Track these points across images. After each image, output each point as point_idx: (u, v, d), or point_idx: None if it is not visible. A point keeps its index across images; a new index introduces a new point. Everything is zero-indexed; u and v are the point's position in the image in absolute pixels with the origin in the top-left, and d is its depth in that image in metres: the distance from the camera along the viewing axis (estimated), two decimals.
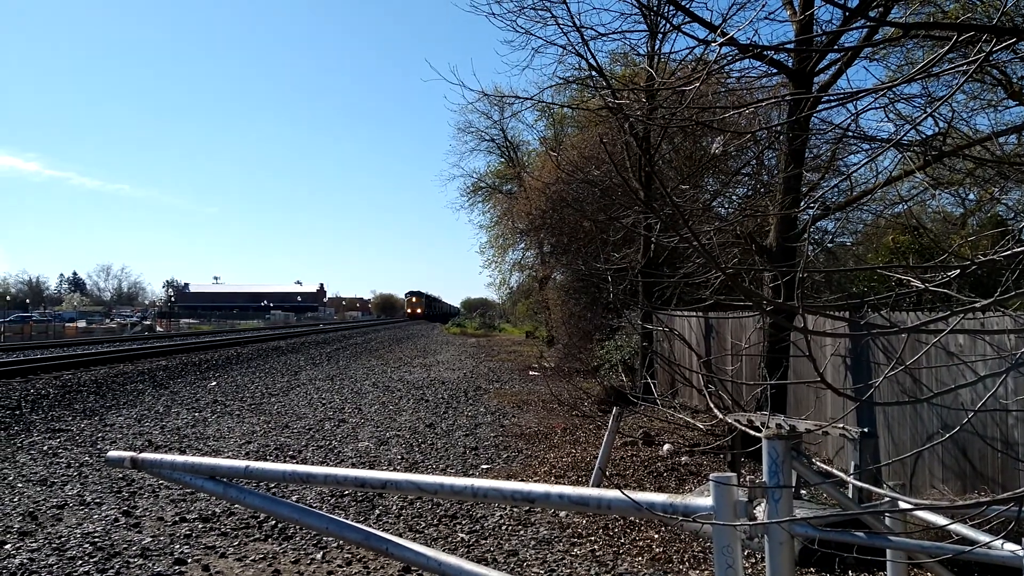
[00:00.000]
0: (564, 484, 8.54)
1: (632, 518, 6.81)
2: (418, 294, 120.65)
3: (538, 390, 18.00)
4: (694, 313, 14.23)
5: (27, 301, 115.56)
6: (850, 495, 4.88)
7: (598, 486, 7.62)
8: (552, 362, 25.98)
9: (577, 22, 10.78)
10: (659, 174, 15.20)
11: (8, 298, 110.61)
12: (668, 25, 11.21)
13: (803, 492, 6.77)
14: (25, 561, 5.90)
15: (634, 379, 16.34)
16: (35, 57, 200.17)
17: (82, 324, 70.06)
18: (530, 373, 23.45)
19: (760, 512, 2.73)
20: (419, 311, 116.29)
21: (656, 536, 6.58)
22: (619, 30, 12.49)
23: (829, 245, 17.46)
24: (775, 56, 7.72)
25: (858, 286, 13.22)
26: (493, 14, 10.41)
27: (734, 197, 16.76)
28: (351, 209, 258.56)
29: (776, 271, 6.45)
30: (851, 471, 5.76)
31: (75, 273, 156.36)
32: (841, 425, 5.84)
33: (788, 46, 7.60)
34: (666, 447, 10.24)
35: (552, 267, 32.12)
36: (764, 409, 8.08)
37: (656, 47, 13.17)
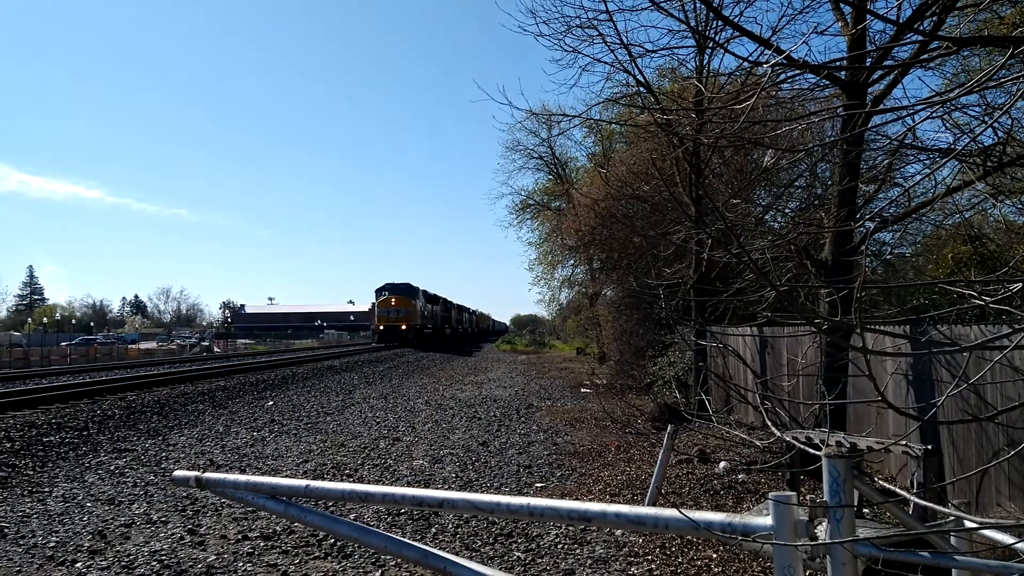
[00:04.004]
0: (619, 502, 8.51)
1: (690, 537, 6.75)
2: (405, 291, 60.42)
3: (590, 407, 17.92)
4: (748, 329, 14.07)
5: (91, 324, 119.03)
6: (913, 514, 4.77)
7: (654, 505, 7.57)
8: (604, 379, 25.84)
9: (625, 39, 10.79)
10: (709, 188, 15.11)
11: (74, 321, 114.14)
12: (716, 39, 11.18)
13: (865, 511, 6.63)
14: None
15: (688, 396, 16.19)
16: (95, 90, 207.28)
17: (148, 345, 72.43)
18: (582, 390, 23.37)
19: (821, 532, 2.70)
20: (403, 325, 58.42)
21: (715, 555, 6.51)
22: (667, 46, 12.46)
23: (888, 257, 17.12)
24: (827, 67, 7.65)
25: (919, 299, 12.93)
26: (541, 34, 10.52)
27: (787, 210, 16.56)
28: (401, 229, 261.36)
29: (832, 287, 6.37)
30: (914, 489, 5.63)
31: (136, 296, 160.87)
32: (904, 442, 5.72)
33: (839, 62, 7.54)
34: (722, 465, 10.12)
35: (602, 283, 32.04)
36: (823, 426, 7.95)
37: (705, 62, 13.14)
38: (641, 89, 13.67)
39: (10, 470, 10.53)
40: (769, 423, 3.93)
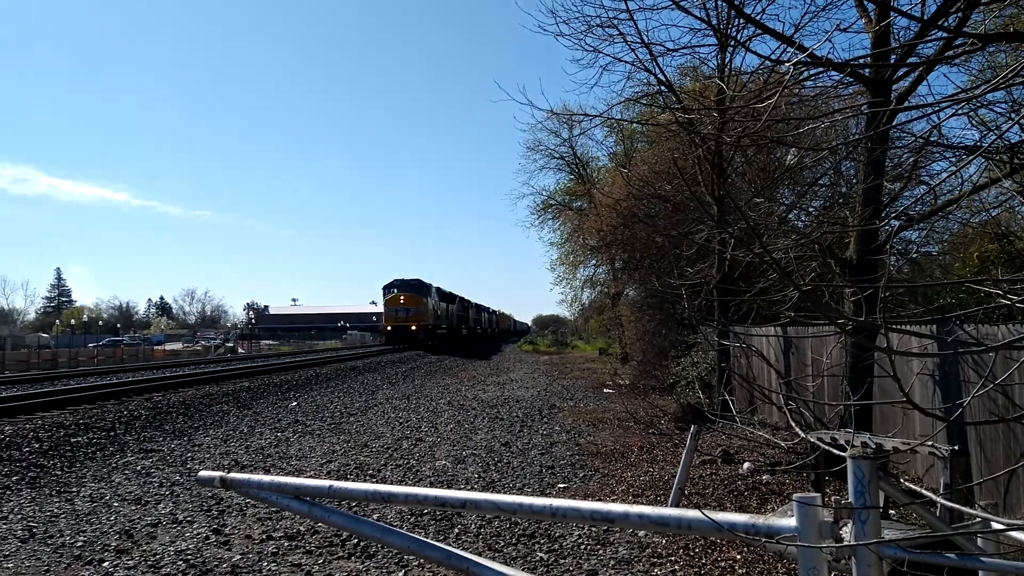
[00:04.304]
0: (642, 503, 8.48)
1: (713, 538, 6.73)
2: (415, 287, 55.53)
3: (613, 408, 17.88)
4: (772, 329, 13.97)
5: (118, 326, 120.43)
6: (940, 515, 4.72)
7: (677, 505, 7.54)
8: (627, 379, 25.78)
9: (645, 39, 10.78)
10: (732, 187, 15.02)
11: (101, 323, 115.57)
12: (738, 38, 11.13)
13: (891, 512, 6.57)
14: None
15: (711, 396, 16.10)
16: (120, 94, 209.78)
17: (173, 346, 73.43)
18: (605, 391, 23.32)
19: (847, 533, 2.69)
20: (413, 325, 53.47)
21: (739, 557, 6.47)
22: (688, 45, 12.42)
23: (915, 256, 16.94)
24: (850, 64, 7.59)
25: (945, 298, 12.78)
26: (561, 34, 10.52)
27: (811, 209, 16.43)
28: (423, 230, 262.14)
29: (856, 286, 6.31)
30: (941, 490, 5.57)
31: (162, 298, 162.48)
32: (930, 443, 5.65)
33: (863, 60, 7.47)
34: (746, 465, 10.06)
35: (624, 283, 31.95)
36: (848, 426, 7.88)
37: (727, 60, 13.07)
38: (662, 88, 13.65)
39: (39, 470, 10.69)
40: (792, 423, 3.91)
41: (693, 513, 2.98)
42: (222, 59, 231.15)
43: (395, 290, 55.88)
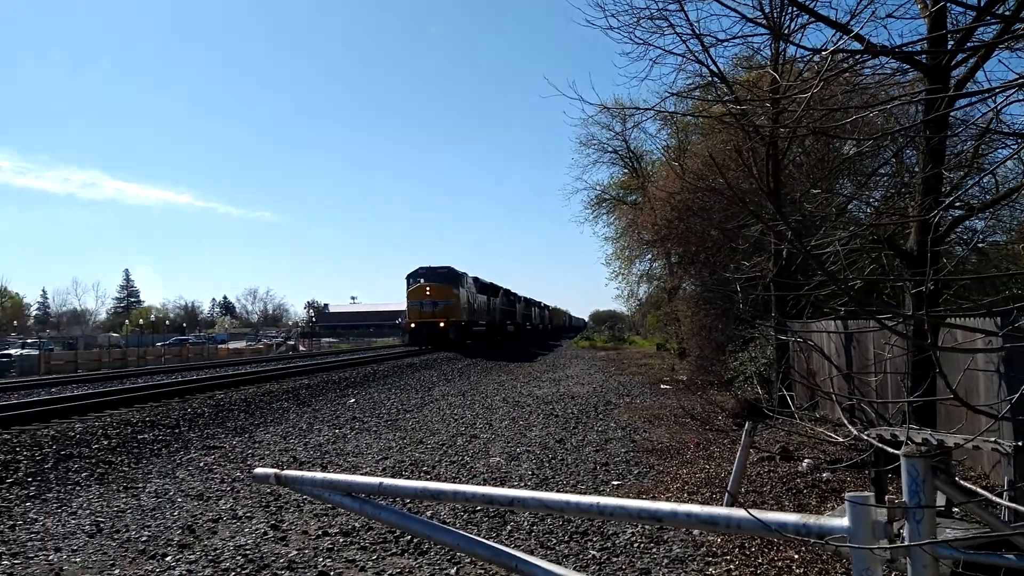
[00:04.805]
0: (697, 500, 8.40)
1: (770, 537, 6.61)
2: (444, 276, 47.08)
3: (670, 404, 17.71)
4: (832, 322, 13.67)
5: (184, 325, 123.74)
6: (1003, 514, 4.57)
7: (732, 504, 7.44)
8: (684, 375, 25.52)
9: (696, 30, 10.67)
10: (789, 178, 14.73)
11: (168, 322, 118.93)
12: (791, 27, 10.92)
13: (955, 510, 6.38)
14: (184, 573, 6.36)
15: (770, 391, 15.84)
16: (181, 99, 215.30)
17: (236, 345, 75.49)
18: (661, 387, 23.12)
19: (904, 533, 2.63)
20: (442, 321, 45.28)
21: (796, 556, 6.35)
22: (740, 35, 12.21)
23: (981, 246, 16.39)
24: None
25: (1013, 288, 12.34)
26: (611, 27, 10.44)
27: (872, 200, 16.02)
28: (479, 226, 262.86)
29: (912, 279, 6.13)
30: (1005, 488, 5.38)
31: (225, 297, 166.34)
32: (993, 439, 5.47)
33: (918, 45, 7.25)
34: (805, 463, 9.88)
35: (680, 277, 31.62)
36: (912, 422, 7.67)
37: (780, 49, 12.82)
38: (714, 79, 13.46)
39: (107, 466, 11.07)
40: (845, 422, 3.83)
41: (742, 512, 2.95)
42: (276, 61, 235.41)
43: (420, 279, 46.41)
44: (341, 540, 7.19)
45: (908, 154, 14.22)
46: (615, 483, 9.73)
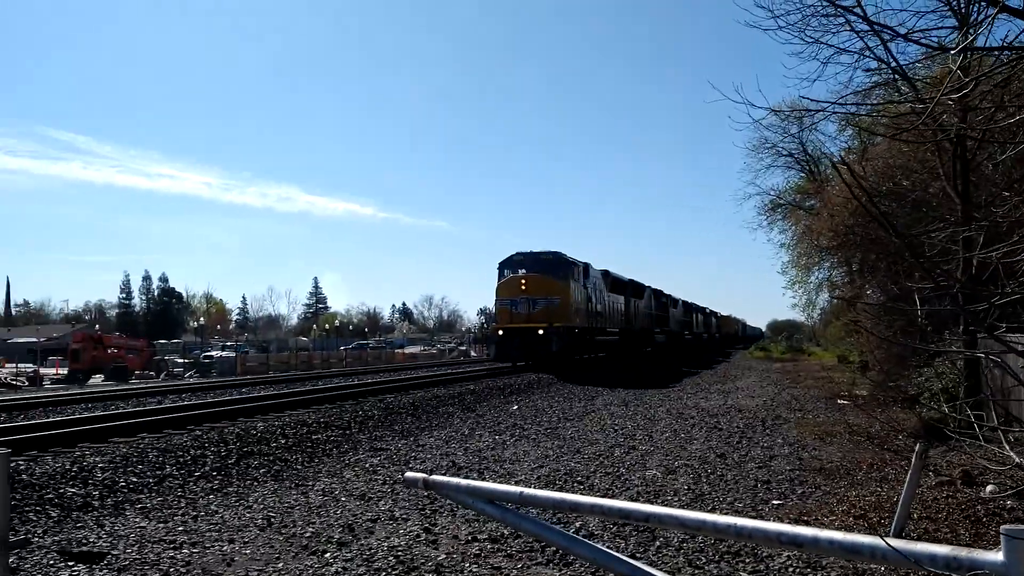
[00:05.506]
0: (863, 525, 7.88)
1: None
2: (548, 266, 33.97)
3: (846, 421, 16.72)
4: None
5: (366, 330, 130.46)
6: None
7: (901, 531, 6.91)
8: (865, 390, 24.01)
9: (874, 25, 10.02)
10: (981, 179, 13.53)
11: (351, 327, 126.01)
12: (978, 19, 10.03)
13: None
14: (339, 570, 6.69)
15: (957, 411, 14.56)
16: (364, 119, 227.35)
17: (412, 350, 79.57)
18: (839, 402, 21.87)
19: None
20: (541, 328, 32.18)
21: None
22: (922, 28, 11.35)
23: None
24: None
25: None
26: (780, 27, 10.02)
27: None
28: (647, 231, 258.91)
29: None
30: None
31: (404, 303, 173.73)
32: None
33: None
34: (989, 488, 9.01)
35: (860, 286, 29.86)
36: None
37: (967, 42, 11.81)
38: (895, 77, 12.58)
39: (283, 464, 11.85)
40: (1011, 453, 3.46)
41: (888, 542, 2.76)
42: (453, 81, 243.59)
43: (515, 269, 34.95)
44: (489, 546, 7.31)
45: None
46: (775, 502, 9.29)
